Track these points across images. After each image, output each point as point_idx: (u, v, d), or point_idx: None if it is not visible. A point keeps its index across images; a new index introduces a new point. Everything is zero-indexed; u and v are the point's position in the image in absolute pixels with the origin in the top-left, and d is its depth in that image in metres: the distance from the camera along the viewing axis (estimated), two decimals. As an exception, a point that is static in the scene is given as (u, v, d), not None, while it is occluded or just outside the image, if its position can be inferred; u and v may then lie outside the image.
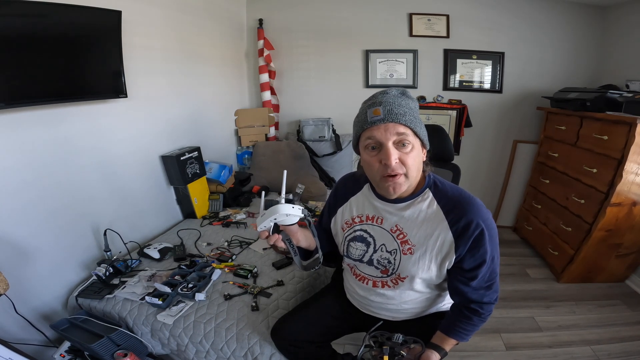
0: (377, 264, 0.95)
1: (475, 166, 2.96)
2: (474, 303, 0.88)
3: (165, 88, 1.97)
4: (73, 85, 1.36)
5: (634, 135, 1.71)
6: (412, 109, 0.79)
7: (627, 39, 2.33)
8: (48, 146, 1.34)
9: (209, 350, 1.21)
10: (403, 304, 0.98)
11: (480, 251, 0.82)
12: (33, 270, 1.31)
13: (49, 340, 1.34)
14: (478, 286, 0.86)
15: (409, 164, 0.79)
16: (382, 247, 0.92)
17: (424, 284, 0.93)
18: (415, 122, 0.78)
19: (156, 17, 1.84)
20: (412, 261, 0.87)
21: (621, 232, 1.97)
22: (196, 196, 2.10)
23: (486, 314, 0.89)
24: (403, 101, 0.79)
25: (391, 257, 0.91)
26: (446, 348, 0.90)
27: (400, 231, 0.89)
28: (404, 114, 0.76)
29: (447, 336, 0.91)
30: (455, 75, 2.75)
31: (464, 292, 0.87)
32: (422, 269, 0.87)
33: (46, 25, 1.21)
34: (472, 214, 0.80)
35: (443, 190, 0.86)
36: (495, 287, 0.89)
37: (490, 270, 0.86)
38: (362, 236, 0.96)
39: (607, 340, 1.72)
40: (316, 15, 2.74)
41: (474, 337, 0.94)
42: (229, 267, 1.54)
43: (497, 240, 0.85)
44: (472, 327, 0.90)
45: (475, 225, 0.80)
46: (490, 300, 0.89)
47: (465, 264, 0.84)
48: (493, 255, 0.85)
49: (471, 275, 0.85)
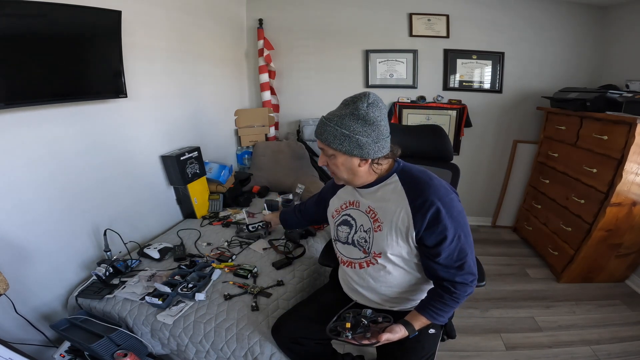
0: (357, 244, 1.05)
1: (475, 166, 2.96)
2: (446, 281, 0.93)
3: (165, 88, 1.97)
4: (73, 85, 1.36)
5: (634, 135, 1.71)
6: (337, 131, 0.90)
7: (627, 39, 2.33)
8: (48, 146, 1.34)
9: (209, 350, 1.21)
10: (388, 287, 1.04)
11: (439, 227, 0.88)
12: (33, 270, 1.31)
13: (49, 340, 1.34)
14: (447, 264, 0.91)
15: (332, 168, 0.99)
16: (361, 227, 1.04)
17: (399, 260, 0.99)
18: (333, 141, 0.91)
19: (156, 17, 1.84)
20: (382, 237, 0.97)
21: (621, 232, 1.97)
22: (196, 196, 2.10)
23: (459, 295, 0.92)
24: (330, 125, 0.91)
25: (367, 236, 1.02)
26: (415, 325, 0.94)
27: (372, 211, 1.00)
28: (322, 133, 0.93)
29: (418, 313, 0.95)
30: (455, 75, 2.75)
31: (434, 269, 0.93)
32: (391, 244, 0.96)
33: (46, 25, 1.21)
34: (428, 193, 0.89)
35: (409, 173, 0.98)
36: (467, 268, 0.92)
37: (458, 249, 0.90)
38: (347, 220, 1.09)
39: (607, 340, 1.72)
40: (316, 15, 2.73)
41: (473, 337, 0.94)
42: (229, 267, 1.54)
43: (461, 220, 0.91)
44: (443, 305, 0.93)
45: (430, 202, 0.88)
46: (465, 281, 0.92)
47: (427, 240, 0.91)
48: (458, 233, 0.90)
49: (435, 252, 0.91)
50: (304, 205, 1.48)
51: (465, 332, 1.75)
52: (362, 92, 0.91)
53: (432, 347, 1.06)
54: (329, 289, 1.29)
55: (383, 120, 0.90)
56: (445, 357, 1.61)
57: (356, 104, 0.89)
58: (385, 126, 0.91)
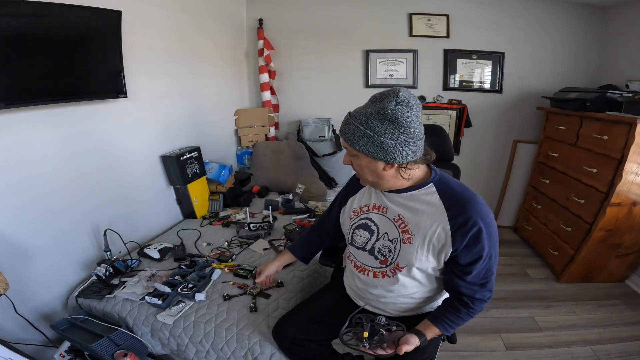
0: (377, 253, 0.99)
1: (475, 166, 2.96)
2: (466, 297, 0.91)
3: (166, 88, 1.97)
4: (73, 85, 1.36)
5: (633, 135, 1.71)
6: (360, 131, 0.83)
7: (627, 39, 2.33)
8: (48, 146, 1.34)
9: (209, 350, 1.21)
10: (400, 297, 1.01)
11: (477, 247, 0.84)
12: (33, 270, 1.31)
13: (49, 340, 1.34)
14: (472, 281, 0.89)
15: (357, 169, 0.93)
16: (385, 235, 0.97)
17: (421, 275, 0.96)
18: (357, 141, 0.84)
19: (156, 17, 1.84)
20: (411, 250, 0.91)
21: (621, 232, 1.97)
22: (196, 196, 2.10)
23: (475, 310, 0.91)
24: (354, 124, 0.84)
25: (392, 246, 0.95)
26: (427, 335, 0.92)
27: (402, 220, 0.93)
28: (346, 132, 0.87)
29: (431, 323, 0.94)
30: (455, 75, 2.75)
31: (458, 285, 0.90)
32: (420, 258, 0.91)
33: (46, 25, 1.21)
34: (472, 211, 0.83)
35: (447, 185, 0.90)
36: (489, 285, 0.91)
37: (487, 268, 0.88)
38: (367, 224, 1.02)
39: (607, 340, 1.72)
40: (316, 15, 2.73)
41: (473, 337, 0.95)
42: (229, 267, 1.54)
43: (496, 239, 0.87)
44: (457, 319, 0.92)
45: (473, 222, 0.82)
46: (483, 297, 0.91)
47: (462, 259, 0.87)
48: (491, 253, 0.87)
49: (467, 270, 0.87)
50: (319, 221, 1.33)
51: (465, 332, 1.75)
52: (393, 88, 0.81)
53: (433, 352, 1.06)
54: (331, 290, 1.26)
55: (414, 121, 0.81)
56: (445, 357, 1.61)
57: (384, 101, 0.80)
58: (417, 128, 0.82)
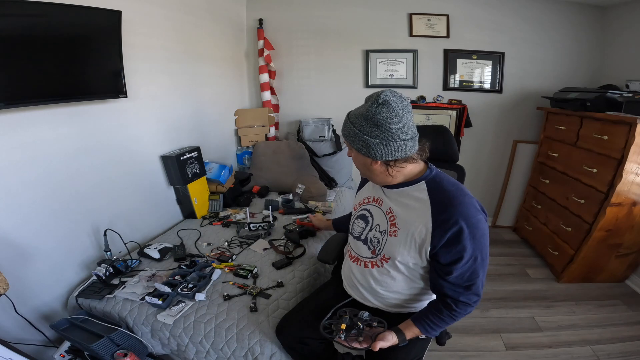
0: (369, 243, 1.03)
1: (476, 166, 2.96)
2: (450, 298, 0.91)
3: (165, 88, 1.97)
4: (73, 85, 1.36)
5: (634, 135, 1.71)
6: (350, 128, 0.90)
7: (627, 39, 2.33)
8: (48, 146, 1.34)
9: (209, 350, 1.21)
10: (388, 292, 1.03)
11: (457, 247, 0.84)
12: (33, 270, 1.31)
13: (49, 340, 1.34)
14: (456, 283, 0.88)
15: (353, 160, 0.99)
16: (377, 226, 1.01)
17: (405, 269, 0.97)
18: (348, 137, 0.92)
19: (156, 17, 1.83)
20: (396, 243, 0.95)
21: (621, 232, 1.97)
22: (196, 196, 2.10)
23: (459, 313, 0.91)
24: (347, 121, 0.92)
25: (381, 237, 0.99)
26: (407, 334, 0.94)
27: (392, 214, 0.97)
28: (343, 128, 0.95)
29: (412, 323, 0.95)
30: (455, 75, 2.75)
31: (442, 285, 0.90)
32: (402, 252, 0.94)
33: (46, 25, 1.21)
34: (455, 211, 0.84)
35: (439, 183, 0.92)
36: (475, 289, 0.89)
37: (471, 271, 0.87)
38: (365, 215, 1.08)
39: (607, 340, 1.72)
40: (316, 15, 2.73)
41: (473, 337, 0.95)
42: (229, 267, 1.54)
43: (484, 242, 0.86)
44: (439, 320, 0.93)
45: (454, 221, 0.83)
46: (468, 301, 0.90)
47: (442, 258, 0.87)
48: (475, 255, 0.85)
49: (448, 270, 0.87)
50: None
51: (465, 332, 1.75)
52: (379, 90, 0.86)
53: (420, 353, 1.06)
54: (330, 286, 1.29)
55: (394, 122, 0.83)
56: (445, 357, 1.61)
57: (367, 103, 0.87)
58: (400, 129, 0.84)
